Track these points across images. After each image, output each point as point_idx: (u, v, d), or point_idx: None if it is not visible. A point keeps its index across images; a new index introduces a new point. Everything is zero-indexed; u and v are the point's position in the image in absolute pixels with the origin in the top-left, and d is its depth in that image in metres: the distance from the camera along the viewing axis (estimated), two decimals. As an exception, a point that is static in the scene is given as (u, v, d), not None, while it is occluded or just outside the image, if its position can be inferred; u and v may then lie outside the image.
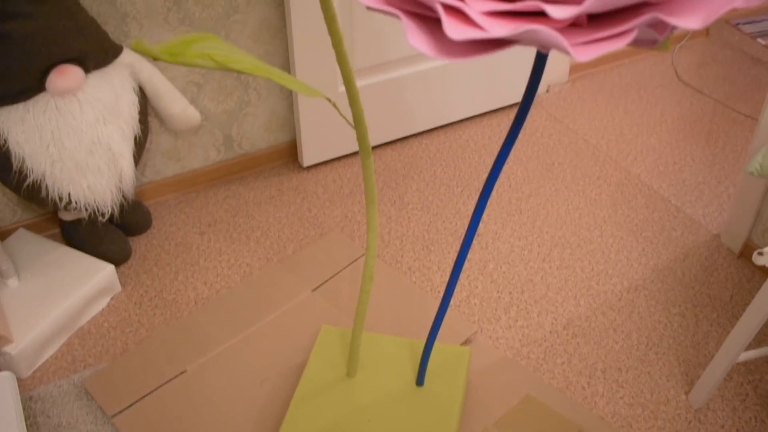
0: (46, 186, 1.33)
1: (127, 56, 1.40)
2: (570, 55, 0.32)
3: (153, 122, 1.64)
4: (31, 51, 1.21)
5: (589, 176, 1.88)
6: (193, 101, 1.67)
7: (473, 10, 0.35)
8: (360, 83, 1.80)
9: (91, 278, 1.45)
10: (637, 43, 0.38)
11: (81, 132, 1.29)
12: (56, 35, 1.23)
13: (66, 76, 1.25)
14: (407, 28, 0.34)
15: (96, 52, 1.31)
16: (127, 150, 1.38)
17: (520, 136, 2.05)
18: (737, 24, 2.57)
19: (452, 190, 1.82)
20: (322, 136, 1.84)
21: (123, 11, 1.45)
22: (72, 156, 1.29)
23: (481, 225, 1.71)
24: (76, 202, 1.36)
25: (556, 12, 0.33)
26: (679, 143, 2.02)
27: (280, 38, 1.70)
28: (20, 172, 1.32)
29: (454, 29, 0.33)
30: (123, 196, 1.43)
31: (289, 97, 1.81)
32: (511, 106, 2.18)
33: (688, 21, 0.31)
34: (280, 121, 1.85)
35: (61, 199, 1.35)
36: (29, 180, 1.32)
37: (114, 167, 1.36)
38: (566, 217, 1.74)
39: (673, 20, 0.32)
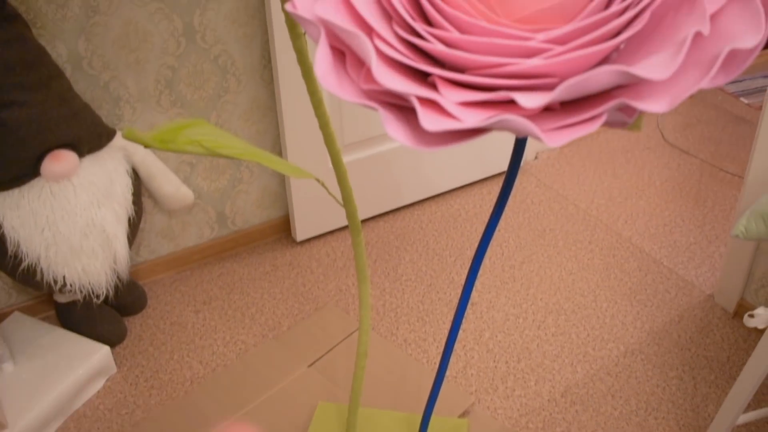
0: (41, 269, 1.34)
1: (120, 139, 1.42)
2: (542, 141, 0.33)
3: (147, 202, 1.66)
4: (25, 138, 1.23)
5: (581, 241, 1.90)
6: (186, 180, 1.69)
7: (447, 101, 0.37)
8: (350, 158, 1.83)
9: (86, 360, 1.45)
10: (608, 124, 0.40)
11: (75, 215, 1.30)
12: (50, 122, 1.25)
13: (60, 162, 1.27)
14: (385, 120, 0.36)
15: (90, 137, 1.33)
16: (121, 232, 1.39)
17: (510, 203, 2.08)
18: (719, 87, 2.63)
19: (445, 260, 1.83)
20: (315, 210, 1.86)
21: (116, 95, 1.49)
22: (67, 239, 1.30)
23: (475, 294, 1.72)
24: (71, 285, 1.36)
25: (526, 101, 0.34)
26: (668, 205, 2.05)
27: (271, 117, 1.73)
28: (15, 256, 1.33)
29: (429, 120, 0.35)
30: (117, 277, 1.43)
31: (280, 174, 1.83)
32: (500, 174, 2.21)
33: (655, 105, 0.33)
34: (272, 197, 1.87)
35: (56, 282, 1.36)
36: (24, 264, 1.33)
37: (108, 249, 1.37)
38: (560, 283, 1.74)
39: (639, 105, 0.33)
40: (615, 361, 1.52)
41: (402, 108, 0.40)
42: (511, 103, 0.39)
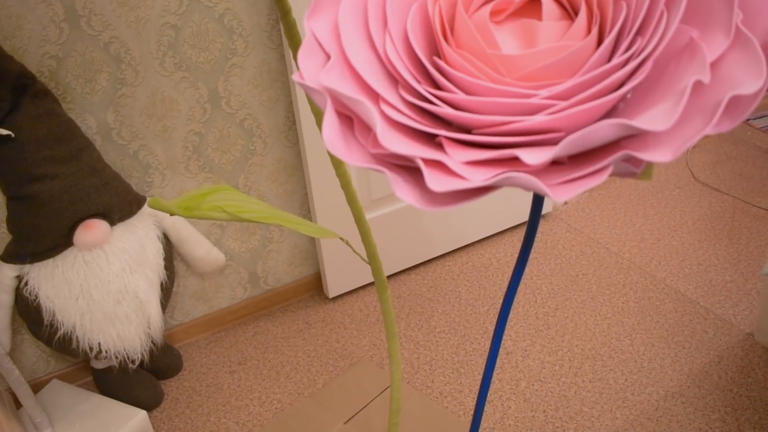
0: (77, 337, 1.35)
1: (150, 206, 1.44)
2: (548, 196, 0.34)
3: (180, 265, 1.68)
4: (58, 209, 1.26)
5: (615, 285, 1.87)
6: (217, 243, 1.71)
7: (453, 161, 0.37)
8: (380, 212, 1.84)
9: (124, 425, 1.45)
10: (617, 174, 0.40)
11: (108, 283, 1.32)
12: (82, 193, 1.28)
13: (92, 231, 1.30)
14: (394, 182, 0.36)
15: (120, 205, 1.36)
16: (154, 297, 1.41)
17: (542, 249, 2.06)
18: (747, 120, 2.61)
19: (478, 309, 1.82)
20: (346, 266, 1.86)
21: (146, 163, 1.52)
22: (100, 307, 1.32)
23: (509, 343, 1.70)
24: (106, 351, 1.37)
25: (530, 159, 0.35)
26: (702, 243, 2.02)
27: (298, 177, 1.75)
28: (51, 325, 1.35)
29: (436, 182, 0.35)
30: (152, 341, 1.45)
31: (310, 231, 1.84)
32: (530, 221, 2.20)
33: (659, 155, 0.33)
34: (303, 255, 1.88)
35: (91, 349, 1.37)
36: (60, 332, 1.35)
37: (142, 314, 1.39)
38: (595, 328, 1.72)
39: (643, 155, 0.34)
40: (655, 405, 1.49)
41: (410, 169, 0.41)
42: (516, 160, 0.39)
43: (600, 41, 0.42)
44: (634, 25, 0.39)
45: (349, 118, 0.41)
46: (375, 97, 0.40)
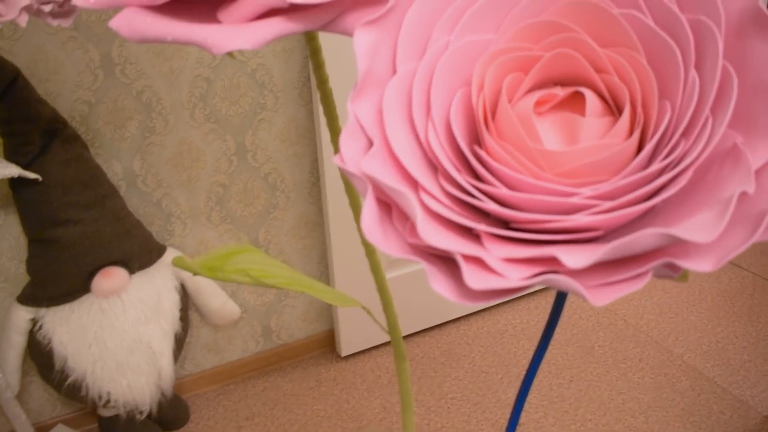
0: (87, 385, 1.34)
1: (170, 256, 1.45)
2: (587, 299, 0.33)
3: (193, 316, 1.67)
4: (78, 255, 1.27)
5: (631, 359, 1.85)
6: (233, 294, 1.71)
7: (492, 257, 0.37)
8: (396, 273, 1.83)
9: (126, 477, 1.43)
10: (655, 276, 0.40)
11: (123, 332, 1.32)
12: (103, 239, 1.29)
13: (111, 279, 1.30)
14: (431, 275, 0.36)
15: (140, 254, 1.37)
16: (167, 348, 1.40)
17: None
18: None
19: (492, 377, 1.80)
20: (360, 325, 1.85)
21: (168, 211, 1.53)
22: (113, 355, 1.31)
23: (522, 414, 1.67)
24: (115, 401, 1.36)
25: (571, 261, 0.34)
26: (720, 320, 1.99)
27: (318, 233, 1.75)
28: (62, 371, 1.34)
29: (474, 279, 0.35)
30: (162, 392, 1.43)
31: (326, 287, 1.84)
32: (547, 289, 2.18)
33: (701, 264, 0.33)
34: (318, 311, 1.87)
35: (100, 397, 1.36)
36: (71, 379, 1.34)
37: (154, 365, 1.38)
38: (609, 402, 1.69)
39: (685, 264, 0.33)
40: (670, 489, 1.45)
41: (446, 260, 0.41)
42: (555, 259, 0.39)
43: (642, 141, 0.42)
44: (678, 129, 0.39)
45: (388, 205, 0.41)
46: (415, 185, 0.40)
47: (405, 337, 1.99)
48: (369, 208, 0.40)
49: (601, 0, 0.43)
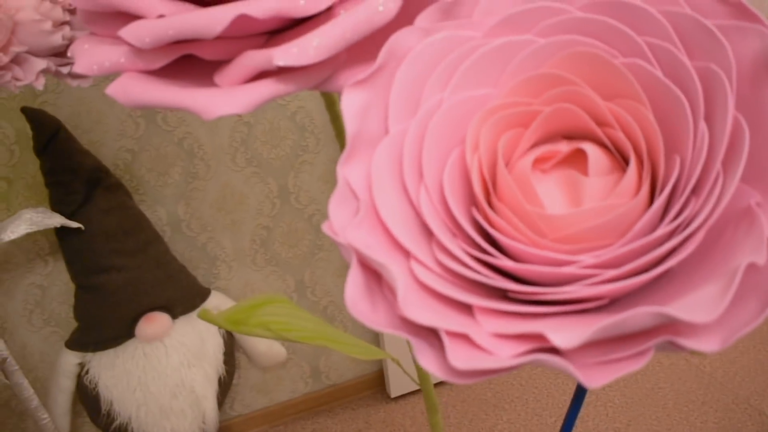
0: (132, 429, 1.35)
1: (214, 299, 1.45)
2: (580, 381, 0.31)
3: (241, 357, 1.67)
4: (121, 301, 1.28)
5: (694, 401, 1.77)
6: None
7: (481, 333, 0.35)
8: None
9: None
10: (663, 351, 0.36)
11: (166, 376, 1.32)
12: (146, 285, 1.30)
13: (154, 324, 1.31)
14: (418, 350, 0.34)
15: (183, 299, 1.37)
16: (210, 392, 1.40)
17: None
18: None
19: (545, 420, 1.74)
20: (409, 365, 1.82)
21: (213, 255, 1.53)
22: (156, 400, 1.32)
23: (577, 459, 1.61)
24: (159, 446, 1.36)
25: (560, 341, 0.32)
26: (789, 361, 1.90)
27: (364, 271, 1.73)
28: (108, 414, 1.35)
29: (459, 358, 0.33)
30: (207, 436, 1.43)
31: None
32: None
33: (705, 344, 0.30)
34: (366, 351, 1.85)
35: (145, 441, 1.36)
36: (116, 423, 1.35)
37: (198, 409, 1.37)
38: (670, 448, 1.62)
39: (687, 343, 0.30)
40: None
41: (437, 333, 0.38)
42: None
43: (651, 198, 0.39)
44: (688, 186, 0.36)
45: (378, 274, 0.39)
46: (406, 254, 0.38)
47: (456, 378, 1.94)
48: (353, 279, 0.38)
49: (605, 49, 0.40)
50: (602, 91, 0.41)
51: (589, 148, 0.41)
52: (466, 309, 0.36)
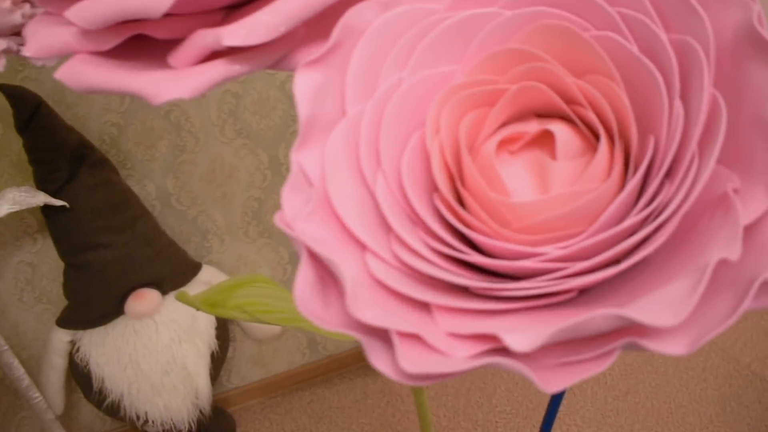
0: (124, 406, 1.34)
1: (205, 273, 1.43)
2: (538, 386, 0.28)
3: (236, 330, 1.66)
4: (110, 279, 1.27)
5: (693, 368, 1.76)
6: (275, 308, 1.69)
7: (436, 333, 0.32)
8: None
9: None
10: (628, 350, 0.34)
11: (157, 353, 1.31)
12: (134, 262, 1.28)
13: (143, 301, 1.29)
14: (370, 350, 0.31)
15: (173, 274, 1.36)
16: (203, 368, 1.39)
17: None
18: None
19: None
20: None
21: (204, 228, 1.51)
22: (148, 377, 1.31)
23: (574, 428, 1.60)
24: (152, 421, 1.36)
25: (515, 344, 0.29)
26: (790, 326, 1.89)
27: (359, 243, 1.71)
28: (100, 392, 1.34)
29: (410, 361, 0.30)
30: (200, 411, 1.42)
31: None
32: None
33: (670, 346, 0.27)
34: (363, 322, 1.84)
35: (138, 418, 1.36)
36: (108, 400, 1.34)
37: (190, 385, 1.37)
38: (668, 417, 1.61)
39: (651, 345, 0.28)
40: None
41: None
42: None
43: (624, 182, 0.37)
44: (662, 169, 0.34)
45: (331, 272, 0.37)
46: (362, 247, 0.36)
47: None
48: (304, 275, 0.35)
49: (575, 21, 0.37)
50: (573, 67, 0.38)
51: (558, 128, 0.38)
52: (425, 307, 0.34)
